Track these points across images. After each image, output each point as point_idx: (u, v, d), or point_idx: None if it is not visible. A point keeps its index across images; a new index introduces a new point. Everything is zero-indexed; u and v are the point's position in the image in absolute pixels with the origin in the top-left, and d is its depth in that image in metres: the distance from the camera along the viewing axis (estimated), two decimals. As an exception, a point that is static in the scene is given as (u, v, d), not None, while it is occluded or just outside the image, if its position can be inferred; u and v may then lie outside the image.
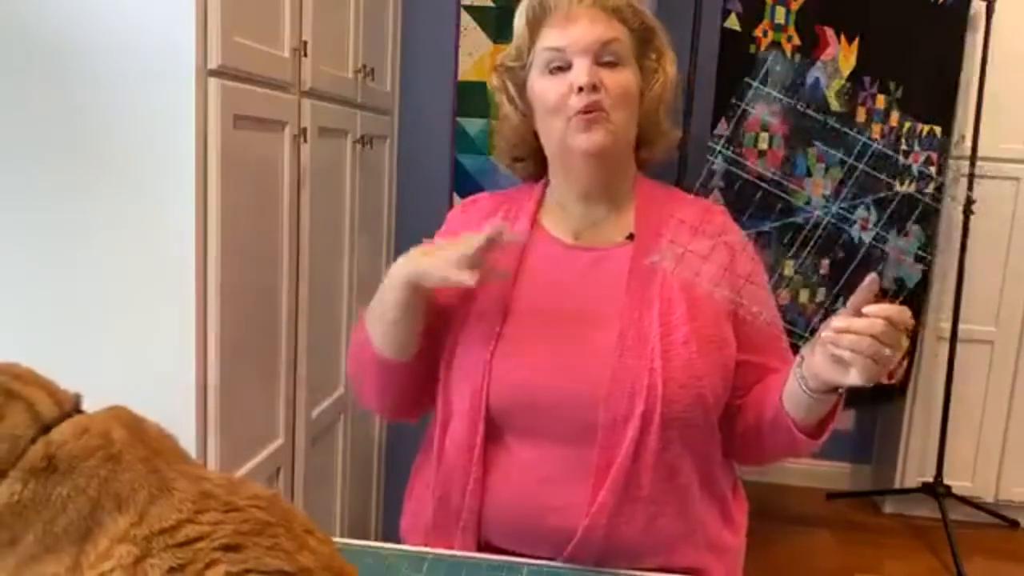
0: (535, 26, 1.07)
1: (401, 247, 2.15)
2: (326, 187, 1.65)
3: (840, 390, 0.92)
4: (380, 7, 1.95)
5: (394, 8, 2.06)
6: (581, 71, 1.02)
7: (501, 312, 1.05)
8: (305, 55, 1.46)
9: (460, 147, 2.20)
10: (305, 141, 1.48)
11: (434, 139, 2.19)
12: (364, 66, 1.77)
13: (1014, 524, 2.93)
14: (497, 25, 2.15)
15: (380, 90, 1.96)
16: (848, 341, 0.84)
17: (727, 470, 1.11)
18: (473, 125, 2.18)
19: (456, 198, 2.21)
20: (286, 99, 1.44)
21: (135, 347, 1.22)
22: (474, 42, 2.16)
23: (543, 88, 1.06)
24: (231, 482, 0.59)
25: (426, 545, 1.05)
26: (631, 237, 1.09)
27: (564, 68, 1.04)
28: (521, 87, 1.11)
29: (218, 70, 1.19)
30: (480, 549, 1.03)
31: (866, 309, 0.85)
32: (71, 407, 0.62)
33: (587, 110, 1.02)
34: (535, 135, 1.11)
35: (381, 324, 1.03)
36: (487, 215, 1.13)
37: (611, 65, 1.04)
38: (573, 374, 1.01)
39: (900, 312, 0.84)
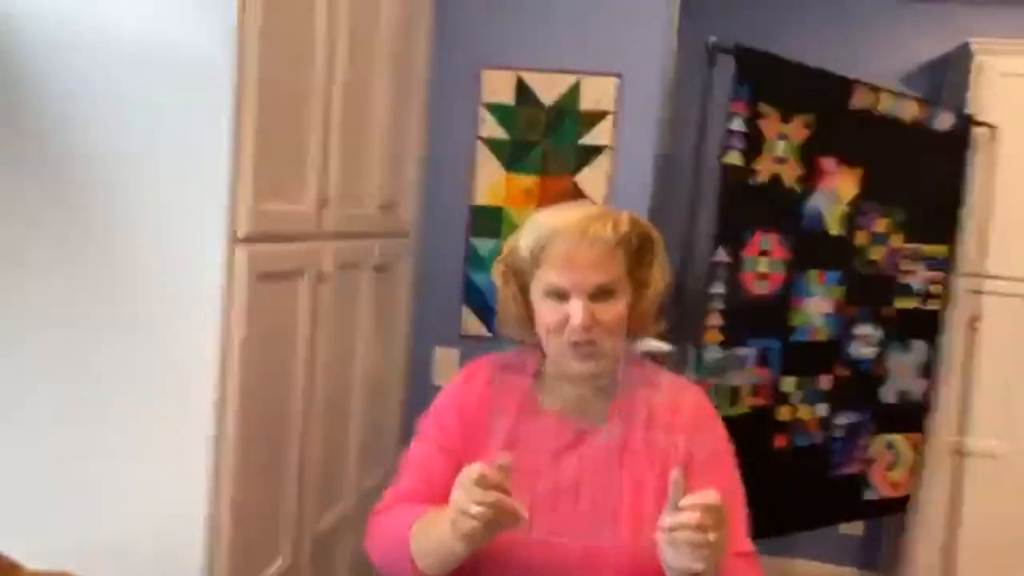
0: (539, 254, 1.17)
1: (415, 356, 2.29)
2: (343, 311, 1.78)
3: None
4: (402, 147, 2.11)
5: (417, 145, 2.22)
6: (577, 312, 1.13)
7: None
8: (327, 206, 1.61)
9: (472, 265, 2.34)
10: (323, 282, 1.62)
11: (449, 258, 2.34)
12: (386, 203, 1.92)
13: (1024, 642, 2.91)
14: (510, 156, 2.31)
15: (399, 218, 2.11)
16: (679, 536, 0.94)
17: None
18: (485, 245, 2.32)
19: (465, 311, 2.34)
20: (309, 247, 1.58)
21: (154, 471, 1.34)
22: (489, 170, 2.32)
23: (542, 310, 1.18)
24: None
25: None
26: (612, 418, 1.20)
27: (563, 297, 1.16)
28: (523, 288, 1.23)
29: (246, 238, 1.34)
30: None
31: (682, 503, 0.95)
32: None
33: (582, 348, 1.14)
34: (532, 321, 1.23)
35: (438, 563, 1.07)
36: (483, 391, 1.24)
37: (606, 297, 1.16)
38: (550, 546, 1.11)
39: (710, 498, 0.95)
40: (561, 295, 1.16)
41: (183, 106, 1.31)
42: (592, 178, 2.28)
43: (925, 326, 2.77)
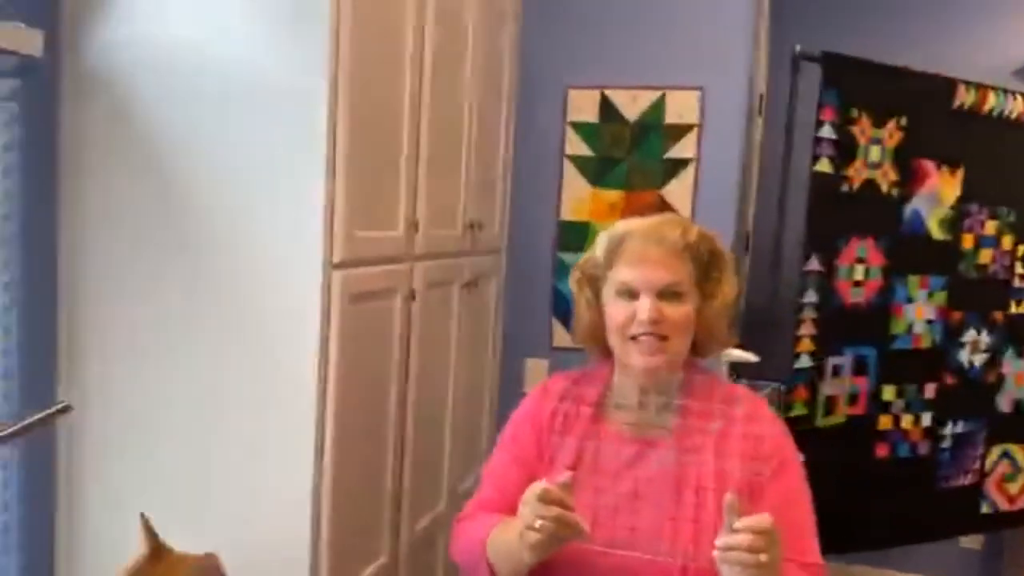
0: (612, 255, 1.27)
1: (507, 367, 2.39)
2: (434, 327, 1.89)
3: None
4: (490, 165, 2.21)
5: (504, 164, 2.31)
6: (645, 307, 1.21)
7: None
8: (416, 231, 1.73)
9: (560, 279, 2.41)
10: (414, 300, 1.74)
11: (538, 272, 2.43)
12: (473, 221, 2.03)
13: None
14: (596, 172, 2.37)
15: (488, 235, 2.21)
16: (731, 556, 0.99)
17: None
18: (572, 258, 2.38)
19: (555, 322, 2.41)
20: (399, 269, 1.70)
21: (265, 481, 1.48)
22: (575, 187, 2.38)
23: (613, 309, 1.26)
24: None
25: None
26: (674, 430, 1.25)
27: (633, 296, 1.23)
28: (597, 293, 1.31)
29: (340, 264, 1.46)
30: None
31: (736, 525, 0.99)
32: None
33: (647, 338, 1.21)
34: (604, 329, 1.30)
35: (511, 569, 1.17)
36: (556, 406, 1.32)
37: (673, 298, 1.22)
38: (618, 557, 1.16)
39: (762, 522, 0.98)
40: (631, 294, 1.23)
41: (281, 139, 1.42)
42: (678, 191, 2.30)
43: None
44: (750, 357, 1.96)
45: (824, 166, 2.18)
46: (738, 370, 1.89)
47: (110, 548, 1.32)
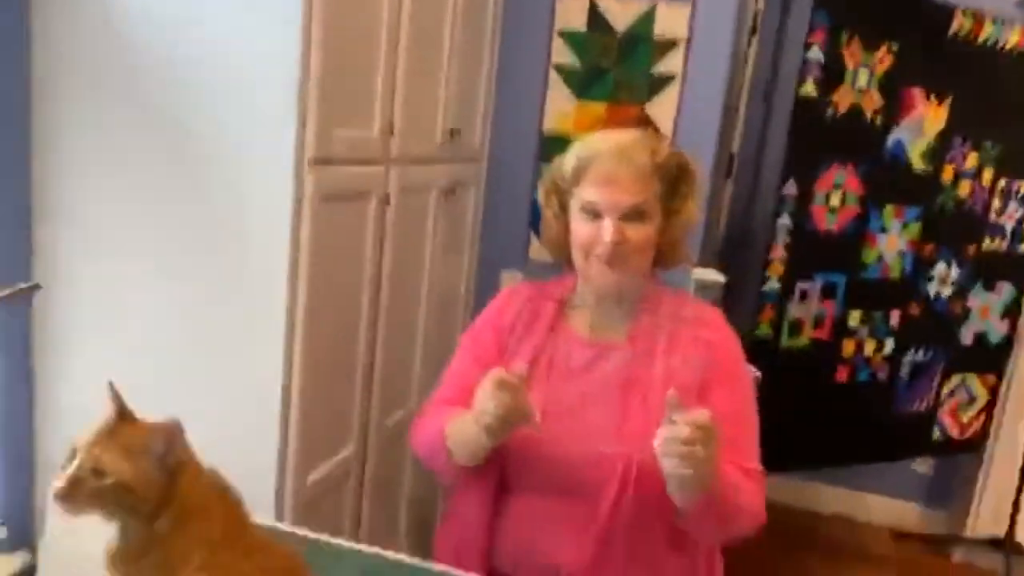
0: (580, 173, 1.28)
1: (482, 277, 2.42)
2: (409, 233, 1.91)
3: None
4: (472, 72, 2.18)
5: (487, 72, 2.28)
6: (608, 229, 1.23)
7: None
8: (392, 133, 1.72)
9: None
10: (388, 204, 1.75)
11: (518, 183, 2.42)
12: (452, 128, 2.02)
13: (1091, 589, 2.87)
14: (581, 84, 2.34)
15: (468, 143, 2.20)
16: (670, 449, 1.04)
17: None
18: (554, 171, 2.39)
19: (532, 236, 2.43)
20: (374, 171, 1.71)
21: (234, 362, 1.54)
22: (560, 98, 2.36)
23: (577, 226, 1.28)
24: (269, 541, 0.87)
25: (450, 564, 1.30)
26: (630, 337, 1.29)
27: (597, 215, 1.25)
28: (563, 206, 1.33)
29: (314, 160, 1.47)
30: (489, 572, 1.28)
31: (675, 419, 1.04)
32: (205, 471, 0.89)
33: (609, 258, 1.24)
34: (569, 241, 1.32)
35: (468, 454, 1.24)
36: (519, 310, 1.37)
37: (637, 218, 1.24)
38: (568, 448, 1.23)
39: (702, 418, 1.03)
40: (596, 213, 1.25)
41: (258, 30, 1.41)
42: (662, 107, 2.29)
43: (1014, 268, 2.67)
44: (718, 277, 1.99)
45: (809, 89, 2.17)
46: (706, 289, 1.93)
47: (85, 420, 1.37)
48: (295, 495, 1.59)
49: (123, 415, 0.84)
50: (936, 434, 2.76)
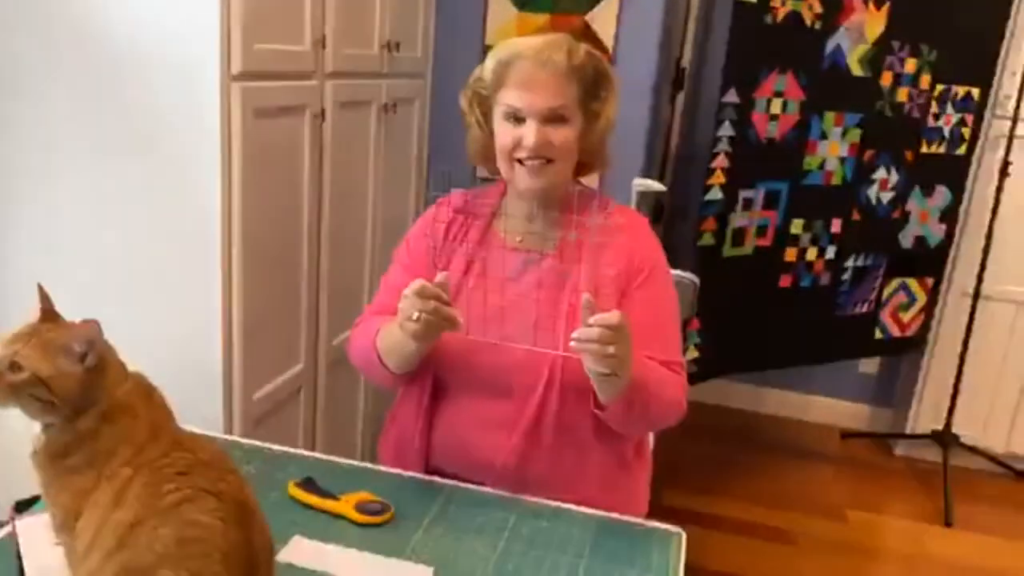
0: (500, 77, 1.28)
1: (431, 196, 2.42)
2: (349, 149, 1.91)
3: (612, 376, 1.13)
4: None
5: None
6: (530, 132, 1.24)
7: (452, 300, 1.31)
8: (324, 47, 1.70)
9: (485, 106, 2.40)
10: (324, 119, 1.75)
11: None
12: (390, 42, 2.00)
13: (1021, 475, 3.04)
14: (522, -5, 2.32)
15: (409, 57, 2.18)
16: (584, 347, 1.09)
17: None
18: (498, 86, 2.38)
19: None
20: (307, 86, 1.70)
21: (171, 286, 1.55)
22: (500, 8, 2.33)
23: (500, 131, 1.29)
24: (192, 436, 0.90)
25: (392, 465, 1.36)
26: (557, 245, 1.32)
27: (519, 120, 1.26)
28: (487, 113, 1.33)
29: (240, 75, 1.46)
30: (428, 473, 1.34)
31: (589, 321, 1.08)
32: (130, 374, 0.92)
33: (532, 161, 1.26)
34: (494, 149, 1.34)
35: (399, 360, 1.27)
36: (450, 220, 1.39)
37: (558, 122, 1.26)
38: (498, 350, 1.27)
39: (612, 318, 1.07)
40: (517, 118, 1.26)
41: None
42: (603, 16, 2.27)
43: (951, 171, 2.73)
44: (659, 186, 2.02)
45: (748, -6, 2.16)
46: (646, 198, 1.96)
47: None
48: (243, 412, 1.63)
49: (48, 316, 0.86)
50: (878, 334, 2.86)
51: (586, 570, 1.07)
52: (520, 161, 1.28)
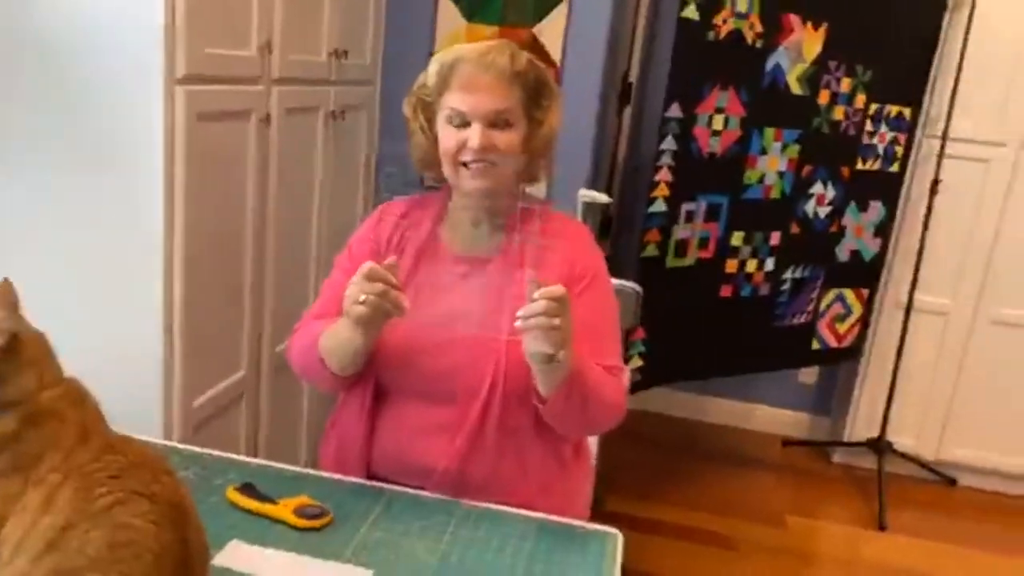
0: (443, 82, 1.29)
1: (378, 199, 2.42)
2: (296, 155, 1.91)
3: (555, 358, 1.14)
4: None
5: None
6: (475, 135, 1.26)
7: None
8: (269, 52, 1.70)
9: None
10: (270, 124, 1.74)
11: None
12: (337, 49, 2.00)
13: (952, 482, 3.16)
14: (471, 6, 2.34)
15: (357, 65, 2.18)
16: (531, 323, 1.11)
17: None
18: (446, 96, 2.40)
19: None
20: (253, 91, 1.69)
21: (111, 291, 1.53)
22: (449, 19, 2.36)
23: (444, 135, 1.30)
24: (125, 439, 0.89)
25: (333, 472, 1.36)
26: (500, 251, 1.34)
27: (464, 124, 1.27)
28: (431, 119, 1.35)
29: (185, 79, 1.45)
30: (370, 479, 1.34)
31: (536, 294, 1.11)
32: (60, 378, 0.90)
33: (477, 164, 1.27)
34: (438, 156, 1.36)
35: (342, 358, 1.27)
36: (394, 225, 1.39)
37: (502, 126, 1.28)
38: (442, 353, 1.29)
39: (557, 291, 1.10)
40: (462, 121, 1.27)
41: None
42: (550, 29, 2.31)
43: (885, 187, 2.84)
44: (603, 198, 2.06)
45: (691, 12, 2.22)
46: (592, 209, 2.00)
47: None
48: (183, 418, 1.61)
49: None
50: (815, 344, 2.94)
51: (525, 571, 1.09)
52: (465, 164, 1.30)
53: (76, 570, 0.78)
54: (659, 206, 2.36)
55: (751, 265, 2.63)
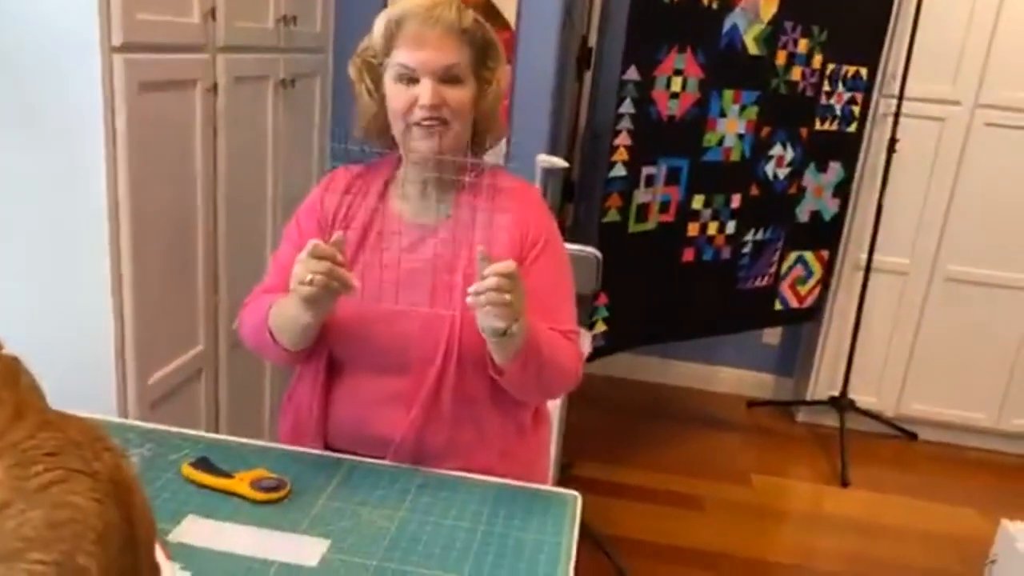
0: (390, 39, 1.26)
1: (333, 168, 2.39)
2: (245, 125, 1.86)
3: (508, 332, 1.14)
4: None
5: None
6: (426, 91, 1.23)
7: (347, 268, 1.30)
8: (214, 19, 1.65)
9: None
10: (216, 94, 1.70)
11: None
12: (286, 15, 1.95)
13: (913, 436, 3.23)
14: (422, -30, 2.29)
15: (307, 32, 2.13)
16: (482, 299, 1.10)
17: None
18: (401, 63, 2.36)
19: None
20: (198, 59, 1.64)
21: (58, 268, 1.49)
22: (402, -15, 2.31)
23: (393, 94, 1.27)
24: (64, 416, 0.87)
25: (290, 443, 1.35)
26: (450, 216, 1.33)
27: (413, 80, 1.24)
28: (377, 81, 1.31)
29: (122, 47, 1.40)
30: (326, 449, 1.33)
31: (486, 271, 1.10)
32: None
33: (429, 122, 1.24)
34: (386, 119, 1.33)
35: (293, 334, 1.24)
36: (343, 193, 1.36)
37: (452, 82, 1.25)
38: (394, 323, 1.27)
39: (507, 267, 1.10)
40: (411, 78, 1.24)
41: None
42: (505, -8, 2.28)
43: (843, 148, 2.86)
44: (561, 163, 2.05)
45: (646, -27, 2.20)
46: (551, 174, 1.98)
47: None
48: (138, 396, 1.58)
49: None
50: (777, 306, 2.97)
51: (483, 535, 1.09)
52: (416, 124, 1.26)
53: (16, 552, 0.76)
54: (619, 171, 2.35)
55: (712, 228, 2.64)
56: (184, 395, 1.77)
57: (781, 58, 2.57)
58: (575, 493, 1.21)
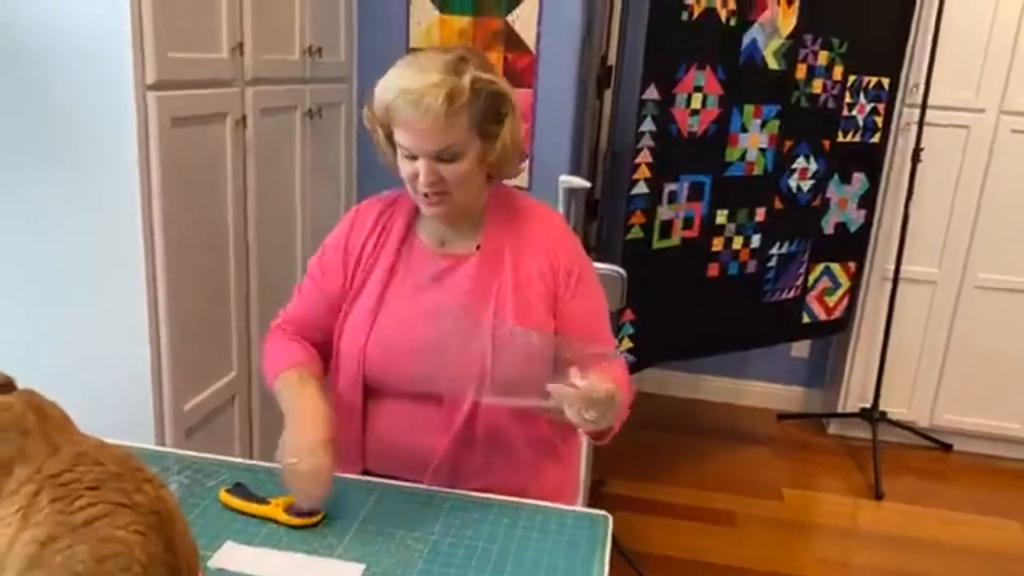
0: (388, 116, 1.25)
1: (360, 195, 2.43)
2: (274, 155, 1.91)
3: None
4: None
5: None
6: (423, 172, 1.24)
7: (376, 306, 1.32)
8: (242, 54, 1.70)
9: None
10: (246, 126, 1.74)
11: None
12: (311, 47, 2.00)
13: (947, 447, 3.18)
14: (443, -3, 2.34)
15: (332, 62, 2.18)
16: (567, 409, 1.12)
17: (554, 422, 1.39)
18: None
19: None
20: (227, 93, 1.69)
21: (95, 300, 1.53)
22: (422, 11, 2.35)
23: (400, 163, 1.29)
24: (99, 445, 0.89)
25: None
26: (479, 247, 1.34)
27: (413, 157, 1.25)
28: (389, 136, 1.31)
29: (155, 84, 1.45)
30: (363, 473, 1.35)
31: (578, 383, 1.10)
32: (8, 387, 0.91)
33: (432, 196, 1.27)
34: None
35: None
36: (370, 228, 1.39)
37: (451, 158, 1.25)
38: (425, 356, 1.29)
39: (591, 390, 1.10)
40: (411, 154, 1.26)
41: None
42: (523, 18, 2.31)
43: (866, 159, 2.84)
44: (583, 183, 2.06)
45: (664, -8, 2.21)
46: (573, 194, 2.00)
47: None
48: (175, 423, 1.62)
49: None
50: (805, 318, 2.96)
51: (516, 558, 1.10)
52: (423, 194, 1.28)
53: (64, 585, 0.79)
54: (641, 188, 2.36)
55: (737, 242, 2.64)
56: (219, 421, 1.81)
57: (801, 71, 2.57)
58: (606, 514, 1.22)
